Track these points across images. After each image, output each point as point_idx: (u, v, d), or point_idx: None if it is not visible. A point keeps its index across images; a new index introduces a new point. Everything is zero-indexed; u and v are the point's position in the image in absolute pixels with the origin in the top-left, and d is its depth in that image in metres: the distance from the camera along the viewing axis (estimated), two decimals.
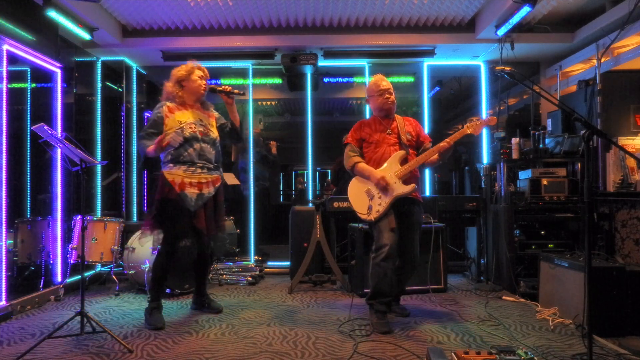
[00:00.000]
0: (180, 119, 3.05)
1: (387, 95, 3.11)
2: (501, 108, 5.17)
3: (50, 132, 2.59)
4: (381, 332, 2.82)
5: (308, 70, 5.06)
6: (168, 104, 3.11)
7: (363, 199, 3.01)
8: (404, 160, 3.02)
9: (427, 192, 4.96)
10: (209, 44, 4.75)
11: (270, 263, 5.14)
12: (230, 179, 5.80)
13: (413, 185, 2.96)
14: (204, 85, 3.15)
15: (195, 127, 3.05)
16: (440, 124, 7.42)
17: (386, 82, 3.15)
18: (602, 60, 4.16)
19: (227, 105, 3.26)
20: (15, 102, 3.95)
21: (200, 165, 3.05)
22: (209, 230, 3.08)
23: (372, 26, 4.74)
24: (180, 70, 3.16)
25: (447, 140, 2.93)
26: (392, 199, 2.94)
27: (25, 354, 2.43)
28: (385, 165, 3.02)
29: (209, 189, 3.07)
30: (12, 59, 3.41)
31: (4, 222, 3.22)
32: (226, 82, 5.98)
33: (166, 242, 3.07)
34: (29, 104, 4.18)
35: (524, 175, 4.12)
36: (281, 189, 9.65)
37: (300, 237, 4.37)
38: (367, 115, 4.78)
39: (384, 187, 2.95)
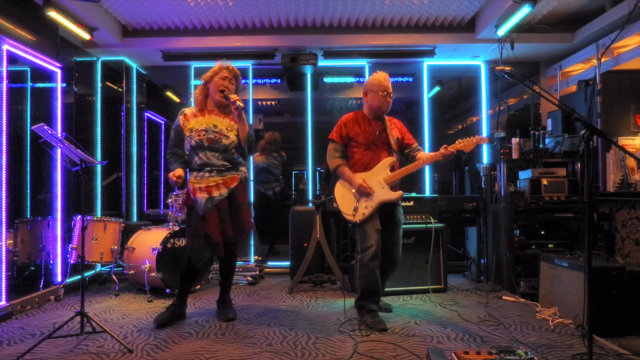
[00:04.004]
0: (192, 127, 3.01)
1: (389, 99, 3.11)
2: (501, 108, 5.17)
3: (50, 132, 2.59)
4: (380, 330, 2.85)
5: (308, 70, 5.06)
6: (186, 111, 3.08)
7: (350, 200, 3.05)
8: (392, 167, 3.07)
9: (427, 192, 4.96)
10: (209, 44, 4.75)
11: (270, 263, 5.14)
12: None
13: (400, 192, 3.05)
14: (221, 87, 3.02)
15: (203, 135, 2.97)
16: (440, 124, 7.43)
17: (390, 85, 3.14)
18: (602, 60, 4.16)
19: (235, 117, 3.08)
20: (15, 102, 3.95)
21: (209, 169, 2.98)
22: (224, 232, 2.95)
23: (372, 26, 4.74)
24: (208, 72, 3.09)
25: (441, 152, 2.93)
26: (378, 203, 2.99)
27: (25, 354, 2.43)
28: (374, 169, 3.05)
29: (219, 191, 2.96)
30: (12, 59, 3.41)
31: (4, 222, 3.22)
32: None
33: (188, 246, 3.02)
34: (29, 104, 4.18)
35: (524, 175, 4.13)
36: None
37: (300, 237, 4.37)
38: None
39: (365, 193, 3.00)
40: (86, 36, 4.19)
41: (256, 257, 5.00)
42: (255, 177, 5.65)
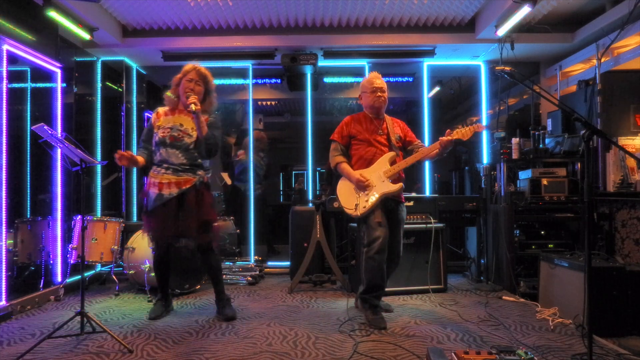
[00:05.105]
0: (161, 124, 3.12)
1: (380, 94, 3.17)
2: (501, 108, 5.17)
3: (50, 132, 2.59)
4: (379, 328, 2.88)
5: (308, 70, 5.06)
6: (159, 109, 3.20)
7: (351, 196, 3.11)
8: (393, 161, 3.11)
9: (427, 192, 4.96)
10: (209, 44, 4.75)
11: (270, 263, 5.15)
12: (227, 177, 5.82)
13: (400, 184, 3.08)
14: (187, 90, 3.05)
15: (167, 132, 3.06)
16: (440, 124, 7.42)
17: (380, 81, 3.21)
18: (602, 60, 4.16)
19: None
20: (15, 102, 3.94)
21: (166, 167, 3.06)
22: (164, 231, 3.01)
23: (372, 26, 4.74)
24: (179, 74, 3.16)
25: (439, 142, 2.98)
26: (380, 197, 3.03)
27: (25, 354, 2.43)
28: (374, 165, 3.10)
29: (170, 189, 3.01)
30: (12, 59, 3.41)
31: (4, 222, 3.22)
32: (227, 82, 5.98)
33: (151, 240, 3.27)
34: (29, 104, 4.18)
35: (524, 175, 4.12)
36: (281, 188, 9.66)
37: (300, 237, 4.37)
38: None
39: (363, 187, 3.04)
40: (86, 36, 4.19)
41: (256, 257, 5.00)
42: (238, 175, 5.67)
